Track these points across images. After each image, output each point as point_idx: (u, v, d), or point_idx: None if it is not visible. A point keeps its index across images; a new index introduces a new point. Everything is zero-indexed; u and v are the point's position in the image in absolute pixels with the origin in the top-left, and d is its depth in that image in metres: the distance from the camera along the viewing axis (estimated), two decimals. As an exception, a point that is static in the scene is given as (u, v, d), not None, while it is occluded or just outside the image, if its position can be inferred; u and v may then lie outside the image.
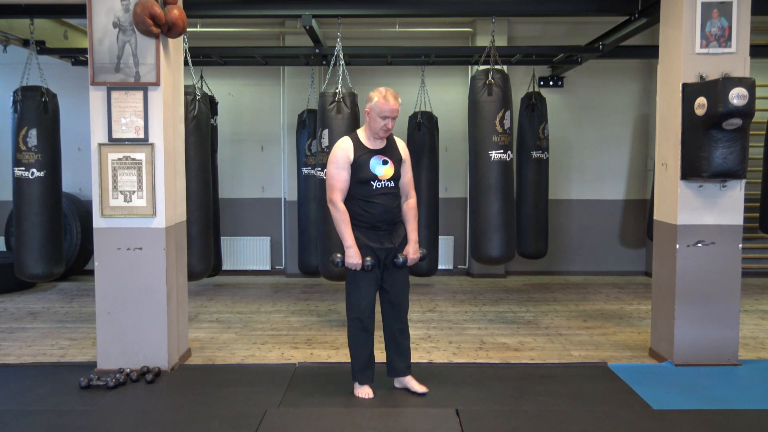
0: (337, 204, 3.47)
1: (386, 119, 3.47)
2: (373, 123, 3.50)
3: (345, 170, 3.48)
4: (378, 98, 3.48)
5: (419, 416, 3.37)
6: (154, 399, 3.63)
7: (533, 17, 7.15)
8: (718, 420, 3.32)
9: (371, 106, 3.50)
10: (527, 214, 6.19)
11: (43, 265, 4.98)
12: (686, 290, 4.11)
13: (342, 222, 3.47)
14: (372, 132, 3.54)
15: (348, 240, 3.46)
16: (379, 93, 3.49)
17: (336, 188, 3.48)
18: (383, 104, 3.46)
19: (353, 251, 3.45)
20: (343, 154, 3.50)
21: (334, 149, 3.55)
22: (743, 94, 3.69)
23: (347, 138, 3.59)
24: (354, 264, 3.46)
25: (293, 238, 7.17)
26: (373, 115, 3.49)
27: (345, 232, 3.46)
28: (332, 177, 3.50)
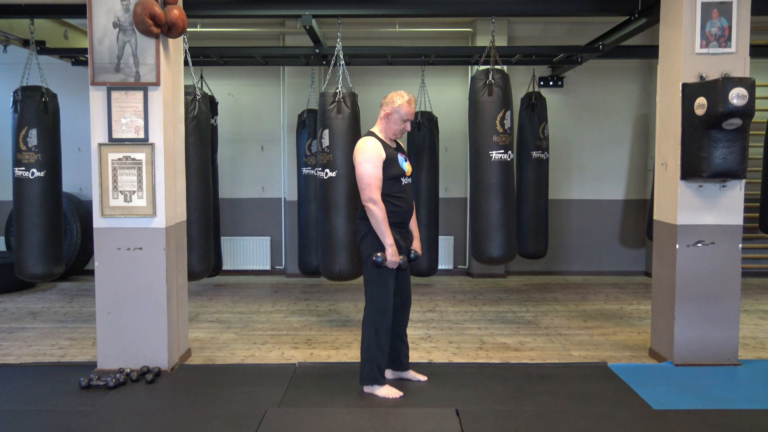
0: (379, 202, 3.46)
1: (407, 122, 3.58)
2: (395, 125, 3.57)
3: (380, 168, 3.49)
4: (401, 102, 3.55)
5: (419, 416, 3.37)
6: (154, 399, 3.63)
7: (533, 17, 7.15)
8: (718, 420, 3.32)
9: (394, 109, 3.55)
10: (527, 214, 6.19)
11: (43, 265, 4.98)
12: (686, 290, 4.11)
13: (384, 220, 3.46)
14: (391, 133, 3.61)
15: (389, 238, 3.47)
16: (401, 97, 3.56)
17: (375, 186, 3.46)
18: (407, 108, 3.56)
19: (394, 249, 3.47)
20: (377, 152, 3.50)
21: (366, 148, 3.51)
22: (743, 94, 3.69)
23: (372, 137, 3.57)
24: (395, 262, 3.48)
25: (293, 238, 7.17)
26: (395, 117, 3.56)
27: (386, 230, 3.46)
28: (370, 175, 3.46)
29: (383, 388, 3.61)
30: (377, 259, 3.48)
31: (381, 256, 3.49)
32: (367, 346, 3.58)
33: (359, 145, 3.57)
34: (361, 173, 3.48)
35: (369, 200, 3.46)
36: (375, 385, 3.61)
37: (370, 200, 3.46)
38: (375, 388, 3.62)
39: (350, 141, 4.87)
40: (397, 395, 3.57)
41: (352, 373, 3.94)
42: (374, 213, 3.45)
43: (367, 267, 3.59)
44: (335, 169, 4.82)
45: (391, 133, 3.60)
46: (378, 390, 3.60)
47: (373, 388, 3.63)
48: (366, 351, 3.59)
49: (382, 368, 3.63)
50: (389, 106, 3.57)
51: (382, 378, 3.63)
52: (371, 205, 3.45)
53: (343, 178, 4.83)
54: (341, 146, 4.83)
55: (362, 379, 3.64)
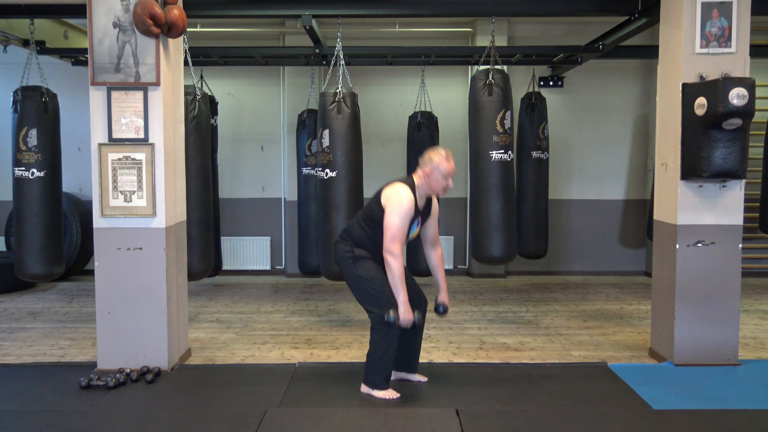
0: (399, 256, 3.46)
1: (448, 178, 3.57)
2: (436, 183, 3.57)
3: (407, 224, 3.50)
4: (440, 159, 3.54)
5: (419, 416, 3.37)
6: (154, 399, 3.63)
7: (533, 17, 7.15)
8: (718, 420, 3.32)
9: (434, 167, 3.54)
10: (527, 214, 6.19)
11: (43, 265, 4.99)
12: (686, 290, 4.11)
13: (401, 276, 3.46)
14: (432, 190, 3.61)
15: (402, 295, 3.47)
16: (440, 155, 3.55)
17: (399, 240, 3.47)
18: (447, 165, 3.55)
19: (407, 308, 3.48)
20: (409, 210, 3.50)
21: (403, 201, 3.49)
22: (743, 94, 3.69)
23: (410, 192, 3.54)
24: (407, 320, 3.49)
25: (293, 238, 7.17)
26: (436, 175, 3.55)
27: (401, 286, 3.47)
28: (397, 228, 3.46)
29: (384, 391, 3.60)
30: (389, 318, 3.44)
31: (393, 315, 3.45)
32: (373, 351, 3.58)
33: (397, 193, 3.52)
34: (390, 224, 3.47)
35: (389, 252, 3.45)
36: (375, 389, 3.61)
37: (391, 252, 3.45)
38: (373, 390, 3.62)
39: (350, 141, 4.87)
40: (395, 396, 3.57)
41: (352, 373, 3.95)
42: (392, 266, 3.45)
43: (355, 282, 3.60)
44: (335, 169, 4.82)
45: (434, 190, 3.60)
46: (376, 392, 3.60)
47: (370, 390, 3.62)
48: (372, 355, 3.59)
49: (388, 375, 3.62)
50: (428, 164, 3.55)
51: (385, 383, 3.61)
52: (390, 257, 3.45)
53: (343, 178, 4.83)
54: (341, 146, 4.83)
55: (365, 380, 3.64)
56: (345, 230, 3.76)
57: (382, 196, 3.57)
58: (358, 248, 3.63)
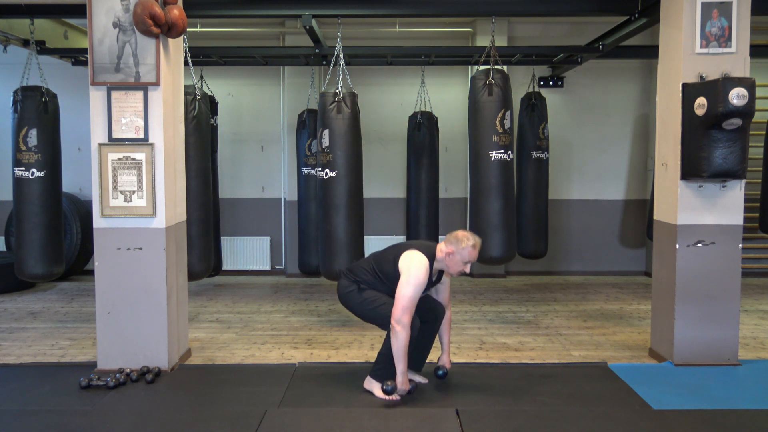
0: (407, 326, 3.45)
1: (467, 264, 3.57)
2: (454, 265, 3.56)
3: (420, 293, 3.51)
4: (467, 245, 3.51)
5: (419, 416, 3.37)
6: (154, 399, 3.63)
7: (533, 17, 7.15)
8: (718, 420, 3.32)
9: (458, 251, 3.52)
10: (527, 214, 6.19)
11: (43, 265, 4.99)
12: (686, 290, 4.11)
13: (404, 347, 3.46)
14: (448, 269, 3.60)
15: (402, 365, 3.49)
16: (468, 240, 3.52)
17: (410, 311, 3.47)
18: (471, 253, 3.53)
19: (405, 378, 3.52)
20: (423, 282, 3.52)
21: (421, 273, 3.50)
22: (743, 94, 3.69)
23: (427, 264, 3.54)
24: (404, 391, 3.54)
25: (293, 238, 7.17)
26: (456, 258, 3.53)
27: (403, 356, 3.48)
28: (409, 299, 3.46)
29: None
30: (387, 388, 3.51)
31: (391, 384, 3.51)
32: (386, 349, 3.59)
33: (414, 262, 3.52)
34: (403, 294, 3.46)
35: (399, 322, 3.45)
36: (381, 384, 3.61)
37: (400, 322, 3.44)
38: (373, 384, 3.62)
39: (350, 141, 4.87)
40: (395, 398, 3.57)
41: (352, 373, 3.95)
42: (399, 336, 3.45)
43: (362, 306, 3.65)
44: (335, 169, 4.81)
45: (451, 270, 3.59)
46: (377, 389, 3.61)
47: (371, 384, 3.63)
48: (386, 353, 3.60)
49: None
50: (453, 245, 3.53)
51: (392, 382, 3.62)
52: (399, 327, 3.44)
53: (343, 178, 4.83)
54: (341, 146, 4.83)
55: (372, 374, 3.66)
56: (352, 270, 3.77)
57: (401, 260, 3.56)
58: (363, 284, 3.69)
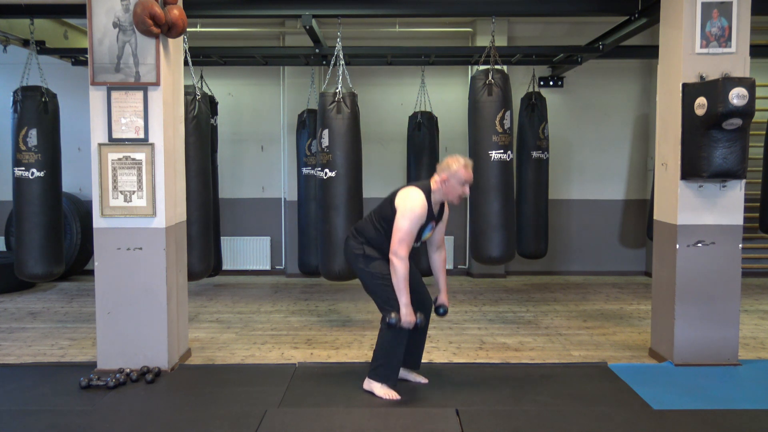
0: (405, 259, 3.47)
1: (465, 186, 3.57)
2: (452, 190, 3.56)
3: (417, 228, 3.51)
4: (458, 167, 3.53)
5: (419, 416, 3.37)
6: (154, 399, 3.63)
7: (533, 17, 7.15)
8: (718, 420, 3.32)
9: (451, 174, 3.54)
10: (527, 214, 6.19)
11: (43, 265, 4.99)
12: (686, 290, 4.11)
13: (405, 278, 3.47)
14: (447, 197, 3.61)
15: (405, 297, 3.48)
16: (458, 161, 3.55)
17: (408, 245, 3.48)
18: (465, 173, 3.54)
19: (409, 310, 3.49)
20: (421, 215, 3.51)
21: (416, 206, 3.50)
22: (743, 94, 3.69)
23: (424, 197, 3.55)
24: (409, 322, 3.50)
25: (293, 238, 7.17)
26: (452, 182, 3.54)
27: (404, 288, 3.47)
28: (405, 232, 3.47)
29: (383, 387, 3.61)
30: (391, 321, 3.48)
31: (395, 316, 3.48)
32: (384, 347, 3.59)
33: (411, 196, 3.53)
34: (399, 227, 3.48)
35: (395, 254, 3.46)
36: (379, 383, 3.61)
37: (397, 255, 3.46)
38: (373, 384, 3.62)
39: (350, 141, 4.87)
40: (395, 397, 3.57)
41: (352, 373, 3.95)
42: (397, 269, 3.46)
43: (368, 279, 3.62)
44: (335, 169, 4.81)
45: (450, 197, 3.60)
46: (377, 388, 3.61)
47: (371, 384, 3.63)
48: (381, 351, 3.61)
49: (394, 373, 3.63)
50: (446, 171, 3.55)
51: (391, 380, 3.62)
52: (396, 260, 3.46)
53: (342, 178, 4.83)
54: (341, 146, 4.83)
55: (371, 374, 3.65)
56: (356, 228, 3.77)
57: (396, 198, 3.58)
58: (369, 247, 3.64)
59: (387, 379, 3.61)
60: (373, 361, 3.65)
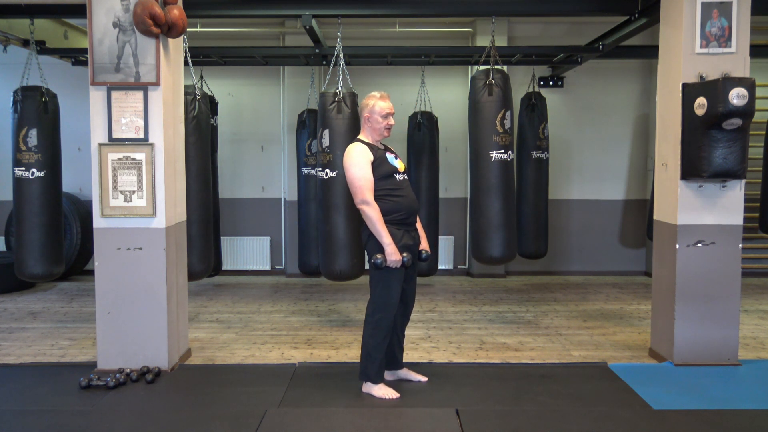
0: (371, 203, 3.47)
1: (388, 116, 3.63)
2: (377, 125, 3.62)
3: (368, 169, 3.52)
4: (374, 101, 3.62)
5: (419, 416, 3.37)
6: (154, 399, 3.63)
7: (533, 17, 7.15)
8: (718, 420, 3.32)
9: (370, 110, 3.62)
10: (527, 214, 6.19)
11: (43, 265, 4.98)
12: (686, 290, 4.11)
13: (378, 220, 3.46)
14: (377, 133, 3.64)
15: (386, 238, 3.46)
16: (374, 97, 3.64)
17: (366, 188, 3.49)
18: (382, 104, 3.62)
19: (393, 248, 3.46)
20: (363, 155, 3.54)
21: (351, 153, 3.56)
22: (743, 94, 3.69)
23: (357, 143, 3.62)
24: (395, 261, 3.46)
25: (293, 238, 7.17)
26: (375, 117, 3.61)
27: (382, 230, 3.46)
28: (359, 178, 3.49)
29: (380, 388, 3.61)
30: (377, 261, 3.47)
31: (380, 258, 3.47)
32: (367, 343, 3.59)
33: (346, 152, 3.61)
34: (351, 177, 3.52)
35: (362, 202, 3.49)
36: (370, 382, 3.62)
37: (362, 202, 3.48)
38: (371, 387, 3.62)
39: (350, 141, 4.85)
40: (394, 396, 3.58)
41: (352, 373, 3.94)
42: (368, 214, 3.47)
43: (372, 268, 3.59)
44: (335, 169, 4.81)
45: (378, 134, 3.64)
46: (375, 390, 3.61)
47: (369, 387, 3.63)
48: (365, 347, 3.61)
49: (381, 367, 3.64)
50: (365, 110, 3.65)
51: (380, 377, 3.63)
52: (364, 206, 3.48)
53: (343, 178, 4.81)
54: (341, 146, 4.81)
55: (360, 375, 3.67)
56: None
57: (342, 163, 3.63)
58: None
59: (370, 377, 3.61)
60: (361, 361, 3.66)
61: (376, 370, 3.60)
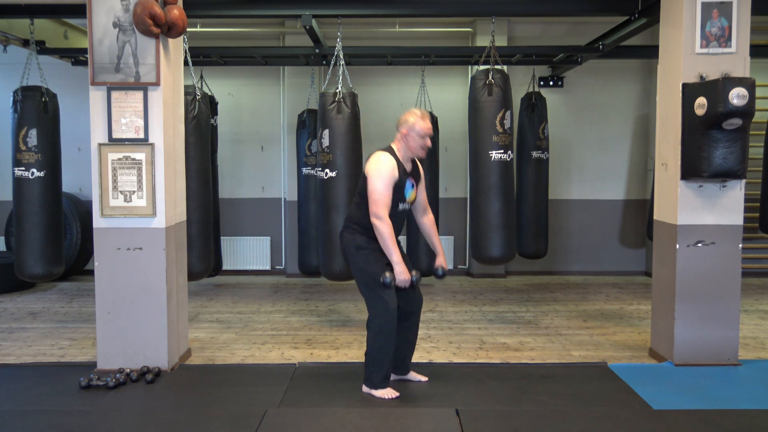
0: (385, 219, 3.45)
1: (426, 137, 3.57)
2: (413, 143, 3.57)
3: (391, 187, 3.50)
4: (415, 119, 3.56)
5: (419, 416, 3.37)
6: (154, 399, 3.63)
7: (533, 17, 7.15)
8: (718, 420, 3.32)
9: (409, 128, 3.56)
10: (527, 214, 6.19)
11: (43, 265, 4.99)
12: (686, 290, 4.11)
13: (390, 237, 3.45)
14: (411, 152, 3.60)
15: (395, 256, 3.46)
16: (415, 114, 3.57)
17: (384, 204, 3.46)
18: (423, 125, 3.56)
19: (402, 267, 3.47)
20: (391, 173, 3.50)
21: (382, 165, 3.50)
22: (743, 94, 3.69)
23: (390, 156, 3.55)
24: (404, 281, 3.47)
25: (293, 238, 7.17)
26: (413, 135, 3.56)
27: (393, 247, 3.46)
28: (380, 193, 3.46)
29: (383, 390, 3.60)
30: (385, 280, 3.45)
31: (389, 276, 3.45)
32: (371, 349, 3.58)
33: (376, 159, 3.54)
34: (372, 189, 3.48)
35: (375, 216, 3.45)
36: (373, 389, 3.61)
37: (376, 216, 3.45)
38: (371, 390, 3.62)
39: (350, 141, 4.87)
40: (394, 396, 3.57)
41: (352, 373, 3.95)
42: (380, 229, 3.45)
43: (358, 275, 3.59)
44: (335, 169, 4.82)
45: (412, 152, 3.60)
46: (375, 391, 3.60)
47: (371, 390, 3.63)
48: (369, 354, 3.59)
49: (387, 373, 3.61)
50: (404, 126, 3.57)
51: (384, 384, 3.61)
52: (377, 221, 3.45)
53: (343, 178, 4.83)
54: (341, 146, 4.83)
55: (365, 380, 3.65)
56: (347, 216, 3.76)
57: (365, 169, 3.58)
58: (360, 235, 3.58)
59: (374, 384, 3.60)
60: (365, 365, 3.64)
61: (381, 378, 3.58)
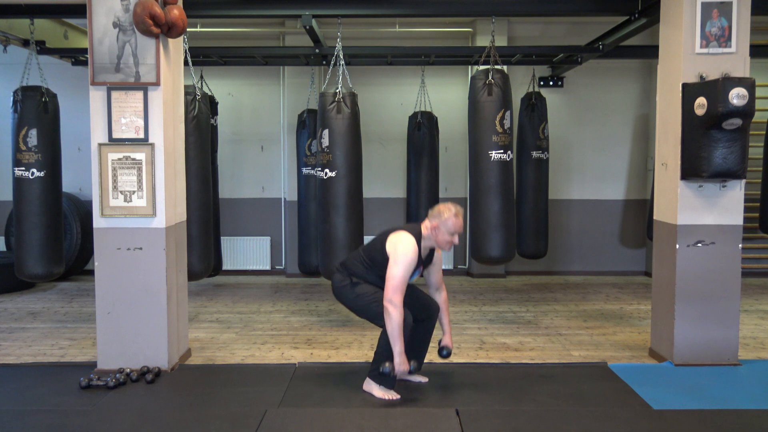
0: (399, 306, 3.45)
1: (454, 235, 3.57)
2: (441, 237, 3.56)
3: (409, 273, 3.51)
4: (449, 215, 3.53)
5: (419, 416, 3.37)
6: (154, 399, 3.63)
7: (533, 17, 7.15)
8: (718, 420, 3.32)
9: (442, 222, 3.54)
10: (527, 214, 6.19)
11: (43, 265, 4.99)
12: (686, 290, 4.11)
13: (399, 327, 3.44)
14: (437, 244, 3.61)
15: (399, 347, 3.46)
16: (449, 211, 3.55)
17: (401, 291, 3.47)
18: (455, 222, 3.54)
19: (403, 359, 3.48)
20: (413, 260, 3.51)
21: (408, 251, 3.51)
22: (743, 94, 3.69)
23: (415, 244, 3.55)
24: (403, 372, 3.51)
25: (293, 238, 7.17)
26: (443, 230, 3.55)
27: (399, 338, 3.45)
28: (400, 280, 3.46)
29: (381, 389, 3.61)
30: (385, 370, 3.47)
31: (389, 366, 3.47)
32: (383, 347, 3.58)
33: (402, 244, 3.53)
34: (393, 274, 3.47)
35: (391, 302, 3.44)
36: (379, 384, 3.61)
37: (391, 302, 3.44)
38: (372, 386, 3.62)
39: (350, 141, 4.87)
40: (395, 397, 3.57)
41: (352, 373, 3.95)
42: (392, 316, 3.44)
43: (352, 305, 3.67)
44: (335, 169, 4.82)
45: (437, 244, 3.61)
46: (375, 389, 3.61)
47: (370, 385, 3.63)
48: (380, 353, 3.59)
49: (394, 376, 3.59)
50: (437, 219, 3.56)
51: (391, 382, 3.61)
52: (391, 307, 3.44)
53: (342, 178, 4.83)
54: (341, 146, 4.83)
55: (371, 374, 3.65)
56: (344, 264, 3.78)
57: (387, 243, 3.57)
58: (355, 277, 3.67)
59: (383, 381, 3.60)
60: (373, 362, 3.65)
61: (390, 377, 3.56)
